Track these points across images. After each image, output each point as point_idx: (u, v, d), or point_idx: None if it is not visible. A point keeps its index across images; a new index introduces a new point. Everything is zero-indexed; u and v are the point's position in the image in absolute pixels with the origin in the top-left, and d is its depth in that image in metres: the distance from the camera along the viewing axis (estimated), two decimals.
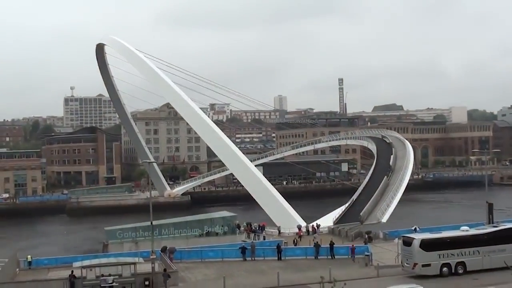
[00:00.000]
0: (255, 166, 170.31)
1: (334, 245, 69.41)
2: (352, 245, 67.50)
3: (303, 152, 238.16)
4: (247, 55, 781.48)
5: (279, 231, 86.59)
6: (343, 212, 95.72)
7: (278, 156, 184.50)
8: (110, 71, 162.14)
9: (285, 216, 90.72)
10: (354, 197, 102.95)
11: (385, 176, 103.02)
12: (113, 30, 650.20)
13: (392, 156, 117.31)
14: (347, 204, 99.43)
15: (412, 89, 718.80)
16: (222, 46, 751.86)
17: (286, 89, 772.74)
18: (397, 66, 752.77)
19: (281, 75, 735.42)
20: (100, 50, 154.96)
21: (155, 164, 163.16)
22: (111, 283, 53.61)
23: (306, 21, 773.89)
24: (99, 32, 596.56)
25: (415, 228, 75.88)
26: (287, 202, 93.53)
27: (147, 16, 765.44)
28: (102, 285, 53.47)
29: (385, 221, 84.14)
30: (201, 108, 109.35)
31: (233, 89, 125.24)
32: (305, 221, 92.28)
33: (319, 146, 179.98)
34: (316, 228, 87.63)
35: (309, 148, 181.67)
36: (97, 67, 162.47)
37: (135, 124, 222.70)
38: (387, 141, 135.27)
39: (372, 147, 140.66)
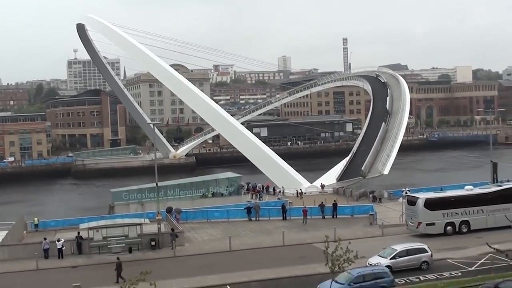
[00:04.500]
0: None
1: (338, 205, 69.85)
2: None
3: (307, 113, 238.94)
4: (223, 26, 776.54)
5: (282, 191, 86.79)
6: (344, 167, 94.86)
7: (276, 104, 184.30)
8: (95, 46, 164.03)
9: (284, 176, 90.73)
10: (354, 148, 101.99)
11: (383, 123, 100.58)
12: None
13: (388, 98, 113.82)
14: (348, 158, 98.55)
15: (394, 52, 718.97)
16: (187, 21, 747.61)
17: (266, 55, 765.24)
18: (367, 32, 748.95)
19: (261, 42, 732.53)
20: (81, 29, 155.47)
21: (152, 126, 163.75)
22: (62, 247, 54.36)
23: None
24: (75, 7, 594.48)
25: (406, 192, 72.93)
26: (286, 163, 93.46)
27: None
28: (58, 248, 54.30)
29: (386, 173, 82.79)
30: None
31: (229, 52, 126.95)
32: (308, 181, 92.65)
33: (315, 90, 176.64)
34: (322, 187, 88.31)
35: (306, 92, 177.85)
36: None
37: (139, 86, 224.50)
38: (382, 81, 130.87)
39: (367, 87, 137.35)
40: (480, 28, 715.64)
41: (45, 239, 55.21)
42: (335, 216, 68.25)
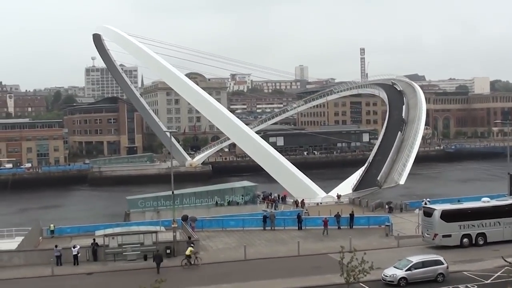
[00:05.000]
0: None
1: (355, 216, 69.60)
2: None
3: (324, 123, 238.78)
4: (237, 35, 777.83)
5: (297, 202, 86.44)
6: (360, 177, 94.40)
7: (292, 112, 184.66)
8: (111, 55, 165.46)
9: (300, 186, 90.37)
10: (370, 158, 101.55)
11: (399, 132, 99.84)
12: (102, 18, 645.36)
13: (404, 107, 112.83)
14: (363, 168, 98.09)
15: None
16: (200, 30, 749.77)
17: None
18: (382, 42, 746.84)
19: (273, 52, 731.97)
20: (97, 39, 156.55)
21: (168, 134, 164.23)
22: (77, 254, 54.49)
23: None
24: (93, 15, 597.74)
25: (425, 202, 72.40)
26: (301, 172, 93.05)
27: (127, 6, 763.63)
28: (73, 254, 54.41)
29: (402, 183, 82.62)
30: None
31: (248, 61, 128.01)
32: (324, 191, 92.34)
33: (330, 98, 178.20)
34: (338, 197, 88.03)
35: (322, 101, 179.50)
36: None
37: (156, 94, 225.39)
38: (398, 89, 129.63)
39: (383, 95, 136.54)
40: (493, 38, 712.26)
41: (56, 246, 55.25)
42: (351, 227, 68.05)
